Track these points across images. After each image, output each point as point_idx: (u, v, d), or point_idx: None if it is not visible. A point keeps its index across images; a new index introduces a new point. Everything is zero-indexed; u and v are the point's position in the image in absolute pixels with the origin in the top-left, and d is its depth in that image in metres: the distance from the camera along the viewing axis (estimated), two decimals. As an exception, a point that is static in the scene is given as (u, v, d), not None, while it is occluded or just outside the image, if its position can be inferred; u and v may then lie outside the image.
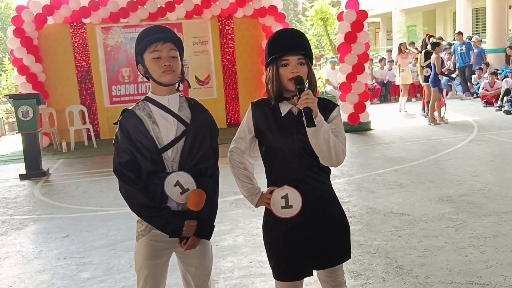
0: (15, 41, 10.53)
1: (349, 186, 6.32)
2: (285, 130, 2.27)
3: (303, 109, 2.10)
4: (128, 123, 2.29)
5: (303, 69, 2.23)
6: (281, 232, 2.32)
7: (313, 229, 2.31)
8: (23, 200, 6.76)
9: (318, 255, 2.33)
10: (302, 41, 2.28)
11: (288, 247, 2.32)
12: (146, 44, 2.27)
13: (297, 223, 2.29)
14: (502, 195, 5.48)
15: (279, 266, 2.36)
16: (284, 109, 2.29)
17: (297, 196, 2.27)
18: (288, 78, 2.21)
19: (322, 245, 2.33)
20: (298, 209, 2.27)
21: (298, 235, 2.30)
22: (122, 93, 11.72)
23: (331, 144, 2.17)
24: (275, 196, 2.29)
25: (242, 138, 2.39)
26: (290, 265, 2.33)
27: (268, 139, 2.31)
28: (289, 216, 2.28)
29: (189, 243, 2.32)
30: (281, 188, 2.28)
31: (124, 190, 2.28)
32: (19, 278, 4.14)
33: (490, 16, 16.06)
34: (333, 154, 2.20)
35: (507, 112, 11.62)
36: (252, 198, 2.40)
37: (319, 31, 21.64)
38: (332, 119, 2.29)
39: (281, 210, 2.29)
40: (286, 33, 2.32)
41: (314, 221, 2.31)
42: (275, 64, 2.24)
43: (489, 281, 3.50)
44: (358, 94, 10.29)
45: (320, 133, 2.14)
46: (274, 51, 2.24)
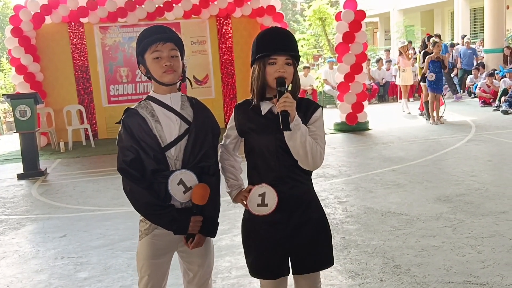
0: (13, 40, 10.52)
1: (347, 186, 6.32)
2: (264, 129, 2.27)
3: (280, 112, 2.11)
4: (131, 122, 2.29)
5: (289, 70, 2.24)
6: (260, 230, 2.33)
7: (292, 229, 2.30)
8: (20, 200, 6.75)
9: (297, 257, 2.33)
10: (291, 42, 2.28)
11: (266, 245, 2.32)
12: (147, 45, 2.27)
13: (276, 222, 2.30)
14: (499, 195, 5.49)
15: (257, 263, 2.37)
16: (265, 108, 2.29)
17: (274, 195, 2.27)
18: (274, 76, 2.21)
19: (302, 247, 2.32)
20: (272, 208, 2.27)
21: (277, 234, 2.31)
22: (120, 92, 11.71)
23: (308, 148, 2.17)
24: (253, 193, 2.30)
25: (228, 137, 2.44)
26: (268, 263, 2.34)
27: (251, 139, 2.33)
28: (263, 214, 2.29)
29: (195, 242, 2.32)
30: (259, 185, 2.29)
31: (129, 189, 2.28)
32: (17, 278, 4.13)
33: (488, 16, 16.08)
34: (310, 158, 2.20)
35: (505, 112, 11.64)
36: (232, 192, 2.42)
37: (317, 31, 21.66)
38: (313, 121, 2.29)
39: (256, 207, 2.30)
40: (275, 32, 2.31)
41: (293, 221, 2.30)
42: (262, 62, 2.24)
43: (486, 280, 3.51)
44: (356, 94, 10.30)
45: (296, 137, 2.14)
46: (262, 49, 2.25)
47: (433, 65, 10.62)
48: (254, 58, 2.28)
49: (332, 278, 3.71)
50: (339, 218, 5.07)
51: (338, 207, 5.42)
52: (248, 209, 2.33)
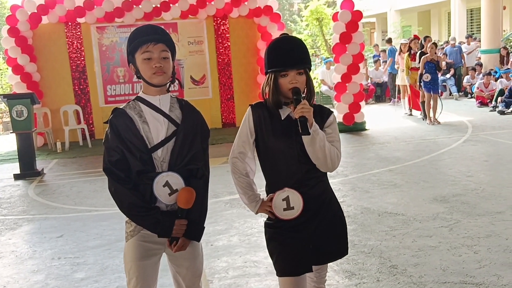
0: (10, 40, 10.48)
1: (344, 186, 6.33)
2: (284, 133, 2.31)
3: (298, 118, 2.17)
4: (118, 122, 2.29)
5: (301, 79, 2.28)
6: (285, 230, 2.35)
7: (316, 225, 2.35)
8: (17, 200, 6.74)
9: (320, 251, 2.38)
10: (302, 53, 2.30)
11: (291, 244, 2.34)
12: (138, 44, 2.26)
13: (300, 223, 2.33)
14: (495, 195, 5.51)
15: (281, 262, 2.38)
16: (284, 113, 2.33)
17: (298, 197, 2.30)
18: (288, 88, 2.26)
19: (324, 241, 2.37)
20: (300, 210, 2.31)
21: (301, 233, 2.34)
22: (117, 93, 11.69)
23: (327, 151, 2.24)
24: (276, 199, 2.33)
25: (245, 141, 2.40)
26: (293, 261, 2.35)
27: (267, 143, 2.34)
28: (291, 218, 2.32)
29: (179, 245, 2.31)
30: (281, 190, 2.32)
31: (114, 189, 2.28)
32: (13, 279, 4.12)
33: (485, 17, 16.11)
34: (329, 161, 2.27)
35: (501, 112, 11.68)
36: (253, 205, 2.42)
37: (314, 32, 21.65)
38: (328, 124, 2.36)
39: (283, 212, 2.32)
40: (286, 44, 2.31)
41: (317, 220, 2.35)
42: (274, 74, 2.29)
43: (483, 280, 3.52)
44: (353, 94, 10.30)
45: (316, 142, 2.21)
46: (273, 63, 2.29)
47: (428, 66, 10.66)
48: (266, 70, 2.33)
49: (329, 278, 3.70)
50: (336, 218, 5.08)
51: (335, 207, 5.42)
52: (276, 216, 2.34)
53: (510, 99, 12.00)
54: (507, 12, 21.15)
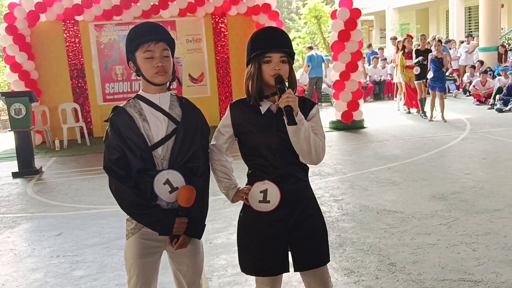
0: (8, 38, 10.47)
1: (342, 184, 6.34)
2: (264, 127, 2.28)
3: (284, 107, 2.13)
4: (118, 120, 2.29)
5: (284, 67, 2.26)
6: (261, 227, 2.33)
7: (292, 224, 2.32)
8: (15, 198, 6.73)
9: (298, 253, 2.34)
10: (285, 39, 2.31)
11: (266, 242, 2.32)
12: (139, 43, 2.26)
13: (277, 219, 2.31)
14: (494, 192, 5.52)
15: (256, 260, 2.36)
16: (264, 107, 2.31)
17: (276, 192, 2.28)
18: (271, 74, 2.23)
19: (302, 243, 2.33)
20: (275, 205, 2.28)
21: (277, 230, 2.31)
22: (115, 90, 11.68)
23: (311, 142, 2.20)
24: (254, 190, 2.31)
25: (219, 137, 2.41)
26: (268, 260, 2.34)
27: (249, 138, 2.33)
28: (265, 211, 2.30)
29: (179, 242, 2.31)
30: (261, 182, 2.30)
31: (114, 187, 2.28)
32: (12, 277, 4.12)
33: (483, 15, 16.12)
34: (313, 152, 2.23)
35: (499, 110, 11.69)
36: (229, 193, 2.41)
37: (313, 29, 21.66)
38: (311, 117, 2.32)
39: (258, 203, 2.31)
40: (269, 31, 2.34)
41: (294, 217, 2.32)
42: (258, 61, 2.26)
43: (481, 278, 3.53)
44: (351, 92, 10.31)
45: (301, 132, 2.17)
46: (257, 47, 2.27)
47: (432, 63, 10.71)
48: (249, 57, 2.30)
49: (327, 275, 3.72)
50: (335, 216, 5.09)
51: (333, 205, 5.43)
52: (250, 206, 2.33)
53: (508, 97, 12.02)
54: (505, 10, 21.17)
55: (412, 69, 11.40)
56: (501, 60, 15.58)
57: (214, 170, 2.44)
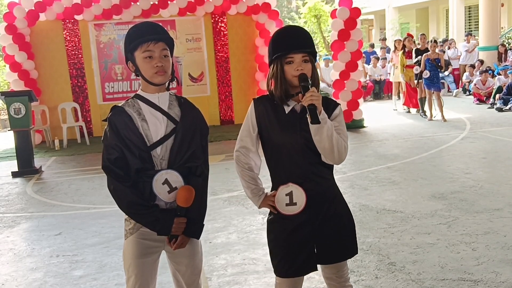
0: (7, 37, 10.45)
1: (342, 183, 6.33)
2: (288, 127, 2.28)
3: (308, 106, 2.12)
4: (117, 120, 2.28)
5: (307, 67, 2.26)
6: (288, 230, 2.33)
7: (318, 225, 2.32)
8: (15, 198, 6.73)
9: (323, 250, 2.35)
10: (307, 38, 2.30)
11: (294, 245, 2.32)
12: (138, 43, 2.26)
13: (303, 220, 2.31)
14: (494, 192, 5.51)
15: (284, 263, 2.35)
16: (288, 107, 2.31)
17: (301, 193, 2.28)
18: (293, 75, 2.23)
19: (327, 241, 2.34)
20: (302, 206, 2.29)
21: (303, 232, 2.32)
22: (115, 90, 11.67)
23: (334, 141, 2.20)
24: (279, 193, 2.31)
25: (247, 136, 2.39)
26: (296, 262, 2.33)
27: (271, 137, 2.32)
28: (293, 213, 2.30)
29: (178, 242, 2.31)
30: (285, 185, 2.30)
31: (113, 187, 2.28)
32: (11, 276, 4.12)
33: (483, 14, 16.11)
34: (336, 152, 2.22)
35: (499, 109, 11.69)
36: (256, 199, 2.40)
37: (312, 29, 21.64)
38: (334, 117, 2.31)
39: (285, 207, 2.31)
40: (291, 31, 2.33)
41: (319, 217, 2.32)
42: (280, 61, 2.26)
43: (481, 277, 3.53)
44: (351, 91, 10.30)
45: (323, 130, 2.16)
46: (279, 48, 2.26)
47: (428, 63, 10.70)
48: (271, 58, 2.30)
49: (327, 275, 3.71)
50: (335, 215, 5.08)
51: (333, 205, 5.42)
52: (278, 210, 2.32)
53: (508, 96, 12.01)
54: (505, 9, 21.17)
55: (412, 68, 11.40)
56: (501, 59, 15.57)
57: (242, 175, 2.41)
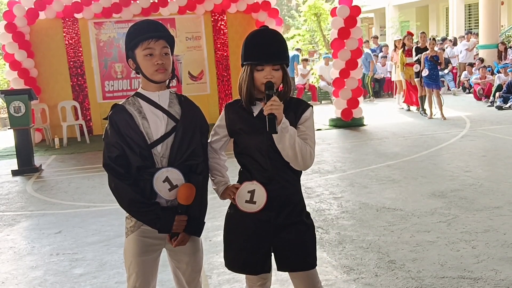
0: (7, 36, 10.45)
1: (342, 181, 6.34)
2: (256, 129, 2.28)
3: (267, 115, 2.12)
4: (118, 118, 2.29)
5: (277, 75, 2.25)
6: (247, 226, 2.34)
7: (278, 228, 2.32)
8: (15, 196, 6.73)
9: (282, 255, 2.35)
10: (279, 49, 2.27)
11: (250, 241, 2.34)
12: (139, 41, 2.26)
13: (262, 220, 2.31)
14: (493, 190, 5.52)
15: (238, 258, 2.39)
16: (256, 109, 2.31)
17: (263, 193, 2.28)
18: (262, 82, 2.23)
19: (286, 246, 2.34)
20: (260, 206, 2.29)
21: (262, 231, 2.33)
22: (115, 88, 11.67)
23: (297, 149, 2.19)
24: (242, 189, 2.32)
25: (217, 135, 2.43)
26: (250, 259, 2.35)
27: (242, 138, 2.33)
28: (250, 211, 2.30)
29: (179, 240, 2.32)
30: (250, 182, 2.31)
31: (114, 185, 2.28)
32: (12, 275, 4.12)
33: (483, 12, 16.10)
34: (300, 159, 2.22)
35: (499, 107, 11.69)
36: (219, 189, 2.43)
37: (312, 27, 21.61)
38: (303, 121, 2.31)
39: (244, 203, 2.32)
40: (263, 38, 2.28)
41: (280, 220, 2.32)
42: (250, 67, 2.26)
43: (480, 275, 3.53)
44: (351, 89, 10.30)
45: (285, 139, 2.17)
46: (249, 56, 2.26)
47: (427, 61, 10.70)
48: (242, 61, 2.30)
49: (327, 273, 3.72)
50: (334, 213, 5.09)
51: (333, 203, 5.43)
52: (236, 205, 2.34)
53: (508, 94, 12.01)
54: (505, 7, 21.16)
55: (412, 66, 11.40)
56: (501, 58, 15.56)
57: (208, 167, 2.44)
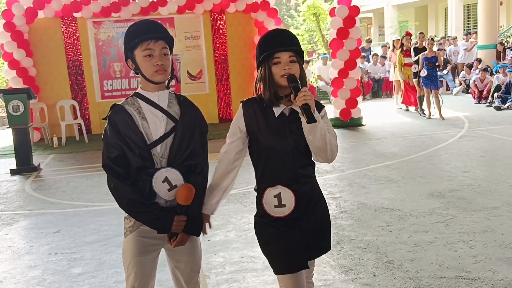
0: (5, 35, 10.43)
1: (341, 181, 6.34)
2: (278, 130, 2.28)
3: (302, 106, 2.13)
4: (117, 118, 2.29)
5: (294, 67, 2.26)
6: (278, 230, 2.33)
7: (306, 223, 2.34)
8: (13, 195, 6.73)
9: (312, 246, 2.38)
10: (292, 38, 2.33)
11: (285, 243, 2.33)
12: (138, 41, 2.26)
13: (292, 220, 2.32)
14: (491, 190, 5.53)
15: (278, 261, 2.36)
16: (277, 110, 2.30)
17: (290, 195, 2.29)
18: (281, 75, 2.24)
19: (316, 237, 2.37)
20: (291, 208, 2.29)
21: (293, 231, 2.33)
22: (114, 88, 11.66)
23: (327, 140, 2.23)
24: (267, 196, 2.31)
25: (236, 134, 2.37)
26: (288, 259, 2.34)
27: (260, 140, 2.31)
28: (282, 215, 2.30)
29: (178, 240, 2.32)
30: (273, 187, 2.30)
31: (113, 185, 2.29)
32: (10, 274, 4.13)
33: (482, 12, 16.12)
34: (329, 150, 2.26)
35: (498, 108, 11.70)
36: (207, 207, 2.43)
37: (311, 27, 21.61)
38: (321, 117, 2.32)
39: (274, 209, 2.31)
40: (276, 32, 2.37)
41: (308, 215, 2.35)
42: (267, 63, 2.26)
43: (478, 275, 3.54)
44: (350, 89, 10.31)
45: (317, 130, 2.18)
46: (265, 49, 2.27)
47: (425, 62, 10.72)
48: (259, 61, 2.30)
49: (325, 273, 3.73)
50: (333, 213, 5.09)
51: (331, 203, 5.44)
52: (267, 212, 2.33)
53: (506, 94, 12.03)
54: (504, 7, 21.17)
55: (410, 66, 11.41)
56: (499, 58, 15.58)
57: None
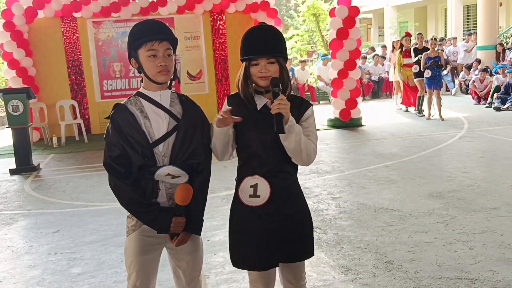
0: (5, 34, 10.43)
1: (340, 182, 6.34)
2: (259, 123, 2.30)
3: (274, 114, 2.15)
4: (119, 117, 2.30)
5: (272, 69, 2.26)
6: (252, 222, 2.35)
7: (282, 219, 2.35)
8: (13, 195, 6.72)
9: (286, 246, 2.37)
10: (274, 41, 2.29)
11: (259, 237, 2.35)
12: (143, 41, 2.27)
13: (267, 213, 2.33)
14: (491, 191, 5.53)
15: (249, 255, 2.38)
16: (260, 103, 2.32)
17: (266, 187, 2.30)
18: (257, 76, 2.26)
19: (289, 237, 2.37)
20: (265, 199, 2.31)
21: (268, 225, 2.34)
22: (114, 88, 11.66)
23: (303, 146, 2.23)
24: (244, 184, 2.34)
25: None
26: (261, 255, 2.36)
27: (244, 131, 2.34)
28: (255, 205, 2.32)
29: (179, 239, 2.33)
30: (251, 177, 2.32)
31: (113, 184, 2.29)
32: (9, 274, 4.12)
33: (481, 13, 16.13)
34: (304, 155, 2.27)
35: (497, 108, 11.71)
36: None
37: (311, 27, 21.63)
38: (305, 118, 2.34)
39: (248, 198, 2.34)
40: (257, 33, 2.32)
41: (284, 212, 2.35)
42: (247, 62, 2.29)
43: (478, 276, 3.54)
44: (349, 90, 10.31)
45: (291, 137, 2.20)
46: (245, 52, 2.29)
47: (428, 62, 10.71)
48: (241, 58, 2.33)
49: (325, 273, 3.73)
50: (332, 214, 5.09)
51: (331, 203, 5.44)
52: (241, 201, 2.35)
53: (506, 95, 12.04)
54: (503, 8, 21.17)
55: (410, 67, 11.41)
56: (499, 59, 15.59)
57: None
